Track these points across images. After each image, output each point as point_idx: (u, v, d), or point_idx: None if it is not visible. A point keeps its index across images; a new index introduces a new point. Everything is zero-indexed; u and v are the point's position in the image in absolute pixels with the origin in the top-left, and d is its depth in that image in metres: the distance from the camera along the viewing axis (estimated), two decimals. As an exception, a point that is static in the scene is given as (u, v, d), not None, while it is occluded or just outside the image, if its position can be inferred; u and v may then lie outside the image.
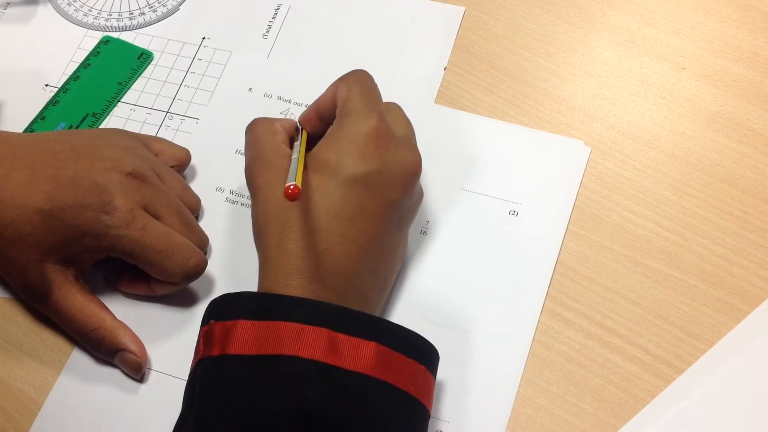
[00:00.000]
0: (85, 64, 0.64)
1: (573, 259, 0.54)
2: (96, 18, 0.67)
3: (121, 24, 0.66)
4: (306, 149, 0.50)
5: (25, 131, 0.61)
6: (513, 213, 0.56)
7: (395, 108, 0.52)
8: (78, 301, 0.51)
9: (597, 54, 0.63)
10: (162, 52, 0.65)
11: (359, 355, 0.41)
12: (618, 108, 0.60)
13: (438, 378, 0.47)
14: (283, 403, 0.40)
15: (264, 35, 0.65)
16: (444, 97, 0.61)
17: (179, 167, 0.57)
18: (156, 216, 0.51)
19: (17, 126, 0.61)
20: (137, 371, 0.51)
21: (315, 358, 0.41)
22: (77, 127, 0.61)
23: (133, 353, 0.50)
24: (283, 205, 0.47)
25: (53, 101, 0.62)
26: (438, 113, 0.60)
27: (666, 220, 0.55)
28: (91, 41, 0.65)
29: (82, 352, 0.52)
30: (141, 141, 0.56)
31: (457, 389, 0.50)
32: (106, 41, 0.65)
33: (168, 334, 0.52)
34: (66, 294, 0.50)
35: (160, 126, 0.61)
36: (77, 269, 0.51)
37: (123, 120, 0.62)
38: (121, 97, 0.63)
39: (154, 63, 0.64)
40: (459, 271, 0.54)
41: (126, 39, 0.66)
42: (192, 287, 0.53)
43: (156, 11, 0.67)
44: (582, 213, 0.56)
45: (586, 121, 0.60)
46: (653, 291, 0.53)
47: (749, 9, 0.63)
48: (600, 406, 0.49)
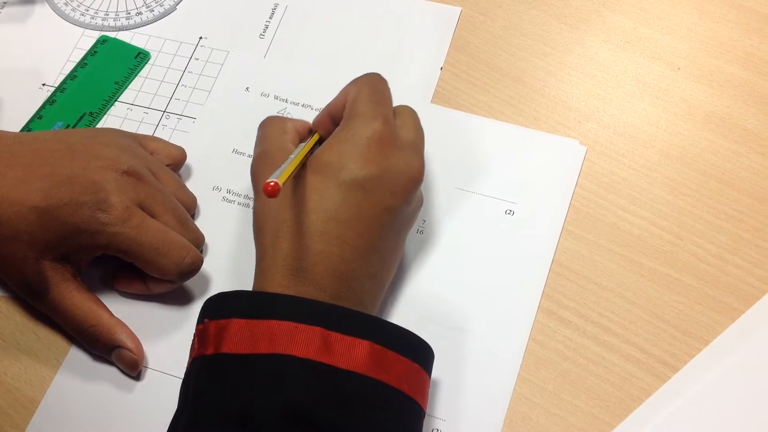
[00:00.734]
0: (82, 63, 0.64)
1: (569, 258, 0.54)
2: (93, 17, 0.67)
3: (119, 23, 0.67)
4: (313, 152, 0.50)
5: (22, 130, 0.61)
6: (509, 212, 0.56)
7: (407, 112, 0.52)
8: (75, 298, 0.51)
9: (593, 54, 0.63)
10: (159, 51, 0.65)
11: (352, 354, 0.41)
12: (614, 108, 0.60)
13: (434, 377, 0.47)
14: (277, 402, 0.40)
15: (261, 35, 0.65)
16: (440, 97, 0.61)
17: (175, 166, 0.57)
18: (152, 214, 0.51)
19: (14, 125, 0.61)
20: (134, 368, 0.51)
21: (308, 356, 0.41)
22: (74, 127, 0.61)
23: (130, 350, 0.51)
24: (281, 205, 0.47)
25: (50, 100, 0.62)
26: (434, 113, 0.60)
27: (661, 219, 0.55)
28: (89, 41, 0.65)
29: (79, 349, 0.52)
30: (136, 140, 0.56)
31: (454, 388, 0.50)
32: (103, 41, 0.65)
33: (164, 332, 0.52)
34: (63, 291, 0.51)
35: (157, 125, 0.61)
36: (74, 267, 0.51)
37: (120, 119, 0.62)
38: (119, 97, 0.63)
39: (151, 62, 0.64)
40: (455, 270, 0.54)
41: (123, 38, 0.66)
42: (188, 286, 0.53)
43: (153, 11, 0.67)
44: (578, 212, 0.56)
45: (581, 121, 0.60)
46: (648, 290, 0.53)
47: (744, 10, 0.64)
48: (595, 404, 0.50)
